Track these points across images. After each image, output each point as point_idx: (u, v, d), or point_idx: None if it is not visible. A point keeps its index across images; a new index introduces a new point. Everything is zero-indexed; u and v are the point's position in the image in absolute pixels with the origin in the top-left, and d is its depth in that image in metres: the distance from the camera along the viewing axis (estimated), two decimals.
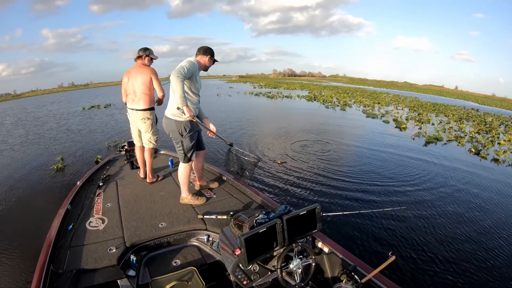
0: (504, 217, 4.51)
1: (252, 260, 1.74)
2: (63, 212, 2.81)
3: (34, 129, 13.05)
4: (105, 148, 8.53)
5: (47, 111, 21.59)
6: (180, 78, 2.53)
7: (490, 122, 16.02)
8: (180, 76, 2.53)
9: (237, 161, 3.42)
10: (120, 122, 13.29)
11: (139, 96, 3.50)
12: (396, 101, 26.67)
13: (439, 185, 5.71)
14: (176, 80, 2.52)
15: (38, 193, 5.45)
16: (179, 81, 2.53)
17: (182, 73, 2.56)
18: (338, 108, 18.73)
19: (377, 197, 5.00)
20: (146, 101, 3.53)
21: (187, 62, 2.69)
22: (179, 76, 2.53)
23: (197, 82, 2.87)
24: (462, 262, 3.35)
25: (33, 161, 7.63)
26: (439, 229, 4.06)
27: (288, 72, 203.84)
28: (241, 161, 3.40)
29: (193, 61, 2.76)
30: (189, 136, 2.90)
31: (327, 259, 2.15)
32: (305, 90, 37.42)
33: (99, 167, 4.31)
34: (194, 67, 2.73)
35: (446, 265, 3.28)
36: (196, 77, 2.84)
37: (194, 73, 2.76)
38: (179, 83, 2.53)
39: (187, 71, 2.62)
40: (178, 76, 2.52)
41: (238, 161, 3.42)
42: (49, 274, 1.97)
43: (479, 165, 7.56)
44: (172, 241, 2.65)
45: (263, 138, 9.51)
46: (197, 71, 2.84)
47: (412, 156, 7.80)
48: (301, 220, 1.91)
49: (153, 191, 3.50)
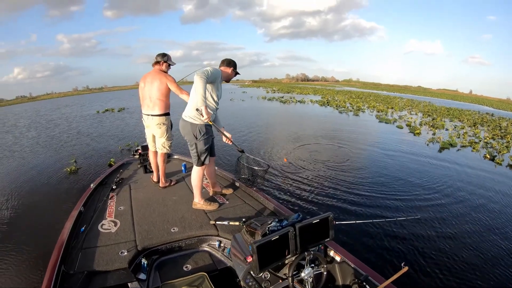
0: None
1: (264, 268, 1.73)
2: (76, 214, 2.86)
3: (47, 132, 13.42)
4: (118, 151, 8.66)
5: (61, 114, 22.17)
6: (203, 79, 2.60)
7: (505, 127, 15.63)
8: (203, 77, 2.60)
9: (247, 168, 3.42)
10: (132, 126, 13.50)
11: (155, 101, 3.53)
12: (409, 106, 26.31)
13: (453, 193, 5.57)
14: (199, 80, 2.58)
15: (51, 195, 5.55)
16: (203, 81, 2.59)
17: (206, 74, 2.64)
18: (351, 113, 18.58)
19: (390, 205, 4.91)
20: (162, 107, 3.56)
21: (212, 68, 2.76)
22: (203, 77, 2.60)
23: (218, 89, 2.94)
24: (478, 277, 3.23)
25: (47, 163, 7.81)
26: (454, 240, 3.94)
27: (301, 76, 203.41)
28: (252, 169, 3.39)
29: (217, 69, 2.87)
30: (204, 140, 2.93)
31: (339, 268, 2.12)
32: (318, 95, 37.27)
33: (113, 170, 4.37)
34: (217, 73, 2.82)
35: (460, 279, 3.18)
36: (218, 84, 2.92)
37: (216, 80, 2.84)
38: (202, 83, 2.59)
39: (211, 75, 2.69)
40: (202, 76, 2.59)
41: (248, 168, 3.42)
42: (60, 274, 2.00)
43: (494, 171, 7.38)
44: (184, 246, 2.65)
45: (274, 143, 9.51)
46: (220, 79, 2.92)
47: (426, 163, 7.66)
48: (313, 228, 1.90)
49: (166, 195, 3.52)
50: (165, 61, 3.59)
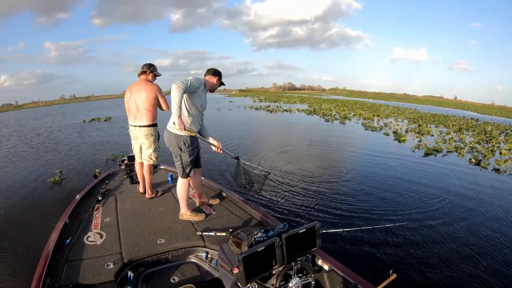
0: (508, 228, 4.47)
1: (251, 279, 1.72)
2: (61, 226, 2.79)
3: (31, 142, 13.12)
4: (104, 162, 8.51)
5: (46, 123, 21.71)
6: (180, 89, 2.55)
7: (490, 132, 16.08)
8: (181, 87, 2.56)
9: (244, 174, 3.29)
10: (119, 136, 13.34)
11: (142, 112, 3.49)
12: (395, 113, 26.84)
13: (439, 198, 5.66)
14: (176, 89, 2.54)
15: (36, 206, 5.42)
16: (179, 91, 2.55)
17: (185, 84, 2.59)
18: (338, 121, 18.81)
19: (378, 212, 4.95)
20: (149, 118, 3.52)
21: (194, 77, 2.73)
22: (181, 86, 2.55)
23: (201, 99, 2.90)
24: (465, 280, 3.28)
25: (31, 174, 7.62)
26: (441, 245, 3.99)
27: (288, 85, 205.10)
28: (249, 175, 3.28)
29: (200, 78, 2.84)
30: (189, 151, 2.91)
31: (327, 277, 2.12)
32: (305, 103, 37.72)
33: (99, 181, 4.29)
34: (199, 82, 2.77)
35: (448, 285, 3.22)
36: (201, 94, 2.88)
37: (198, 89, 2.79)
38: (178, 93, 2.55)
39: (190, 85, 2.65)
40: (179, 86, 2.55)
41: (245, 174, 3.29)
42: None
43: (480, 175, 7.55)
44: (171, 257, 2.61)
45: (259, 153, 9.46)
46: (203, 89, 2.87)
47: (412, 170, 7.78)
48: (300, 238, 1.90)
49: (152, 206, 3.47)
50: (152, 71, 3.56)
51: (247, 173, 3.26)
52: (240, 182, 3.31)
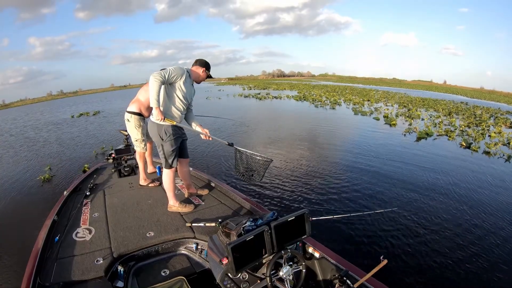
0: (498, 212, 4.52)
1: (241, 269, 1.71)
2: (50, 223, 2.75)
3: (18, 139, 12.84)
4: (93, 156, 8.39)
5: (34, 121, 21.25)
6: (157, 80, 2.55)
7: (479, 115, 16.27)
8: (158, 78, 2.56)
9: (241, 162, 3.03)
10: (107, 130, 13.15)
11: (134, 99, 3.65)
12: (385, 97, 26.99)
13: (430, 183, 5.70)
14: (153, 80, 2.55)
15: (25, 204, 5.34)
16: (157, 82, 2.55)
17: (162, 75, 2.58)
18: (328, 107, 18.85)
19: (368, 198, 4.97)
20: (135, 106, 3.61)
21: (174, 67, 2.69)
22: (158, 78, 2.56)
23: (185, 89, 2.81)
24: (455, 263, 3.32)
25: (20, 172, 7.47)
26: (431, 230, 4.02)
27: (278, 72, 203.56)
28: (248, 162, 2.98)
29: (182, 67, 2.77)
30: (170, 141, 2.87)
31: (318, 264, 2.12)
32: (295, 90, 37.58)
33: (86, 176, 4.22)
34: (180, 72, 2.71)
35: (438, 267, 3.26)
36: (184, 84, 2.78)
37: (178, 78, 2.71)
38: (155, 84, 2.55)
39: (169, 75, 2.62)
40: (156, 77, 2.55)
41: (244, 161, 3.02)
42: (36, 287, 1.94)
43: (471, 159, 7.63)
44: (160, 250, 2.60)
45: (248, 141, 9.41)
46: (185, 78, 2.78)
47: (403, 154, 7.83)
48: (289, 226, 1.88)
49: (141, 199, 3.44)
50: None
51: (246, 160, 2.99)
52: (239, 170, 3.07)
